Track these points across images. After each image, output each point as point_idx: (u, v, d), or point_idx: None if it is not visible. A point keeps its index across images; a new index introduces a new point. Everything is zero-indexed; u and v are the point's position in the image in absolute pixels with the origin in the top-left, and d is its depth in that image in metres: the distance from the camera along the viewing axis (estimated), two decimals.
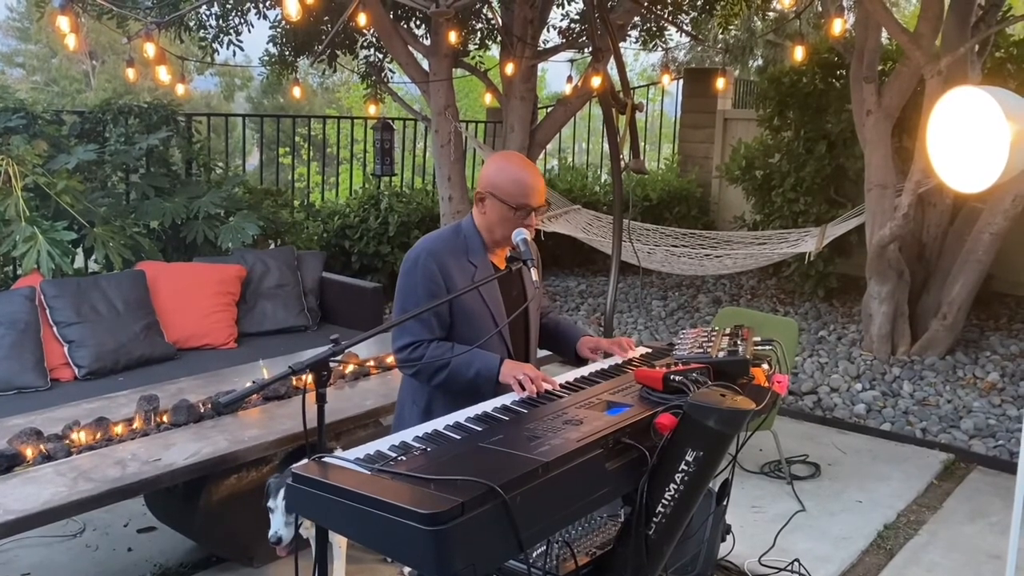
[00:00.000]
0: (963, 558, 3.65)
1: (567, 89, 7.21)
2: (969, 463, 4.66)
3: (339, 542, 3.09)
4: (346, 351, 2.06)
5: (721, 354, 2.33)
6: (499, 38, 7.27)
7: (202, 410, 3.27)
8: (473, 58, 7.64)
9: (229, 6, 7.10)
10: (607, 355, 2.67)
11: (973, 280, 5.92)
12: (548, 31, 7.39)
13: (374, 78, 7.66)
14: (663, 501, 1.96)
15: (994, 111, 2.27)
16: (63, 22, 4.45)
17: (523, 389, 2.28)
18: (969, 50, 5.49)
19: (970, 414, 5.16)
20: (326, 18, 7.12)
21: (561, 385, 2.35)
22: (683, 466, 1.93)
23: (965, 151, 2.40)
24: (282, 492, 2.72)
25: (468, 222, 2.59)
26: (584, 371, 2.51)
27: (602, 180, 9.56)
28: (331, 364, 2.03)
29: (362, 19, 5.42)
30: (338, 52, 7.58)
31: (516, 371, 2.34)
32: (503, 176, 2.51)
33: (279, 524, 2.74)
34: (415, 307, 2.43)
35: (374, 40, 7.59)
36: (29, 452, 2.84)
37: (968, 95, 2.38)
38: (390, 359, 3.99)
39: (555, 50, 7.10)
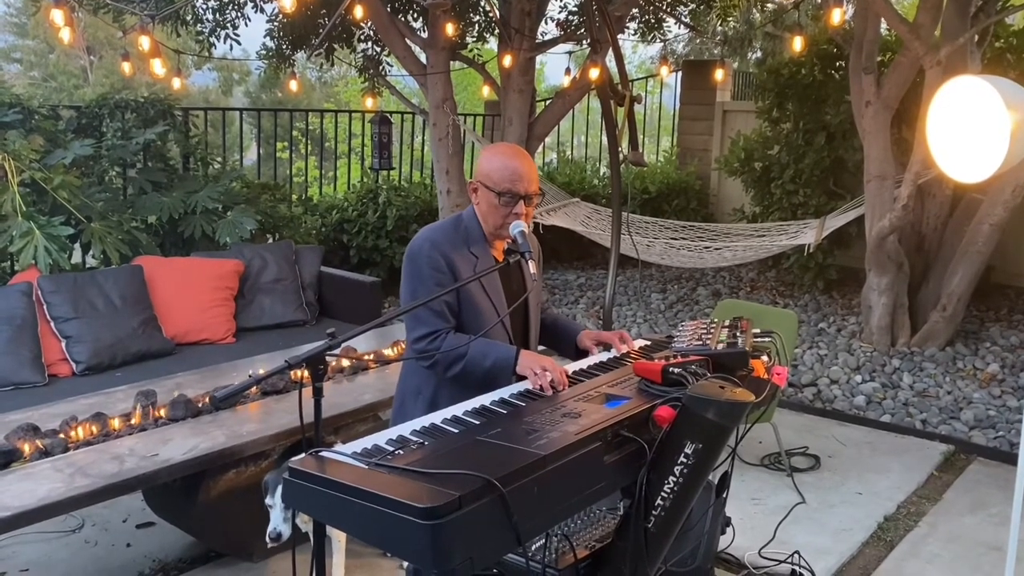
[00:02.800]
0: (963, 550, 3.65)
1: (565, 82, 7.19)
2: (969, 454, 4.65)
3: (338, 536, 3.09)
4: (343, 345, 2.04)
5: (720, 346, 2.32)
6: (497, 31, 7.25)
7: (200, 405, 3.27)
8: (471, 51, 7.62)
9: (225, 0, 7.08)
10: (607, 347, 2.66)
11: (973, 271, 5.91)
12: (546, 23, 7.37)
13: (372, 72, 7.64)
14: (662, 494, 1.95)
15: (994, 100, 2.26)
16: (57, 15, 4.44)
17: (543, 378, 2.25)
18: (969, 40, 5.47)
19: (970, 405, 5.15)
20: (323, 11, 7.09)
21: None
22: (682, 459, 1.92)
23: (965, 141, 2.38)
24: (280, 488, 2.71)
25: (469, 213, 2.57)
26: (583, 364, 2.50)
27: (601, 173, 9.55)
28: (327, 358, 2.01)
29: (359, 12, 5.39)
30: (335, 46, 7.56)
31: (534, 364, 2.30)
32: (490, 164, 2.49)
33: (278, 520, 2.73)
34: (425, 296, 2.40)
35: (371, 33, 7.56)
36: (26, 448, 2.84)
37: (968, 85, 2.37)
38: (388, 352, 3.99)
39: (553, 42, 7.08)
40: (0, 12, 23.95)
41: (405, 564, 2.88)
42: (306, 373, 2.00)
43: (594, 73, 4.83)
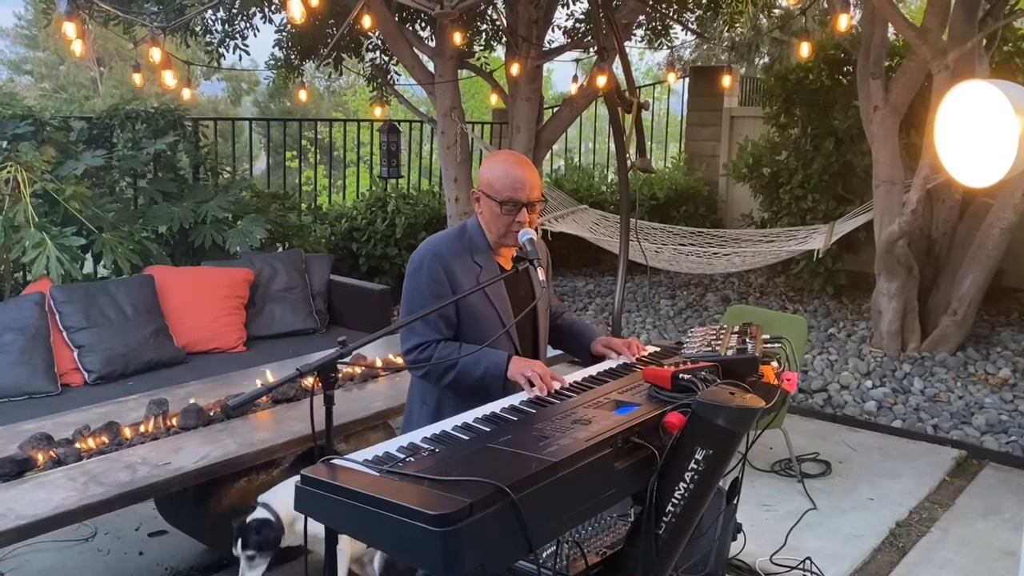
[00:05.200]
0: (976, 555, 3.63)
1: (573, 89, 7.21)
2: (981, 459, 4.63)
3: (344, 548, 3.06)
4: (353, 353, 2.05)
5: (730, 352, 2.32)
6: (504, 39, 7.27)
7: (211, 413, 3.28)
8: (478, 59, 7.65)
9: (235, 11, 7.12)
10: (618, 353, 2.67)
11: (983, 275, 5.88)
12: (553, 31, 7.38)
13: (380, 81, 7.67)
14: (673, 500, 1.95)
15: (1003, 105, 2.25)
16: (69, 28, 4.48)
17: (532, 386, 2.28)
18: (976, 44, 5.45)
19: (982, 410, 5.13)
20: (331, 21, 7.13)
21: (569, 385, 2.34)
22: (693, 465, 1.92)
23: (974, 145, 2.37)
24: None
25: (473, 222, 2.59)
26: (592, 371, 2.50)
27: (609, 180, 9.55)
28: (338, 366, 2.02)
29: (367, 21, 5.43)
30: (344, 55, 7.60)
31: (524, 368, 2.33)
32: (492, 172, 2.51)
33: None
34: (421, 309, 2.43)
35: (379, 43, 7.60)
36: (40, 457, 2.86)
37: (976, 89, 2.36)
38: (398, 360, 4.00)
39: (560, 50, 7.10)
40: (10, 24, 24.18)
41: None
42: (317, 381, 2.02)
43: (601, 80, 4.83)
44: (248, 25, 7.24)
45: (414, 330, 2.49)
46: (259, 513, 2.83)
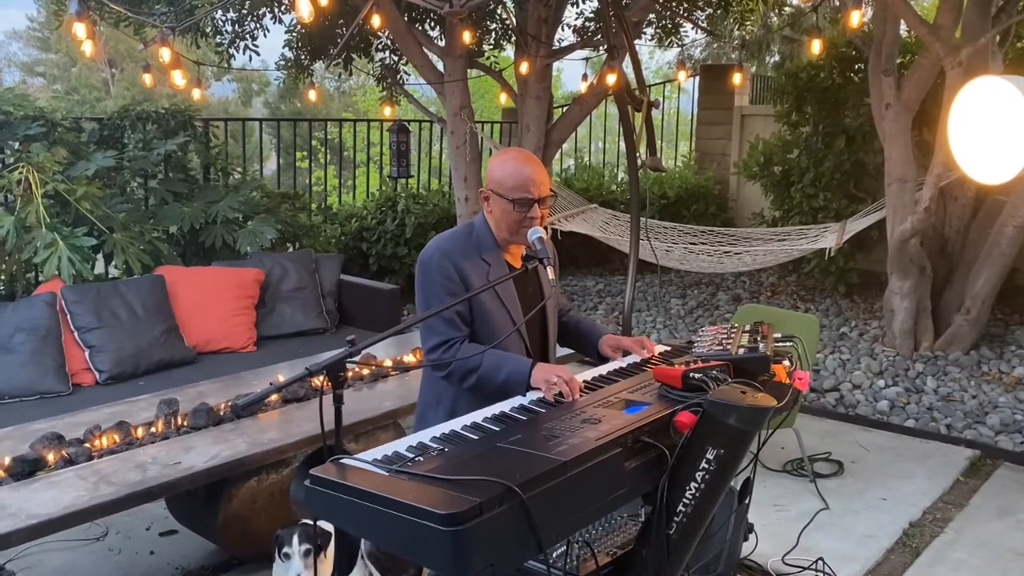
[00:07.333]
0: (990, 556, 3.60)
1: (582, 88, 7.19)
2: (995, 459, 4.59)
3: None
4: (362, 352, 2.05)
5: (741, 351, 2.30)
6: (513, 38, 7.27)
7: (221, 413, 3.28)
8: (488, 58, 7.64)
9: (244, 11, 7.14)
10: (627, 353, 2.65)
11: (997, 274, 5.84)
12: (563, 30, 7.38)
13: (389, 80, 7.68)
14: (684, 500, 1.94)
15: (1017, 101, 2.24)
16: (79, 29, 4.49)
17: (553, 390, 2.24)
18: (990, 40, 5.41)
19: (996, 410, 5.08)
20: (341, 21, 7.14)
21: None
22: (704, 465, 1.91)
23: (987, 142, 2.36)
24: (295, 537, 2.62)
25: (480, 220, 2.58)
26: (602, 370, 2.49)
27: (619, 179, 9.54)
28: (347, 365, 2.02)
29: (376, 21, 5.43)
30: (353, 55, 7.61)
31: (548, 374, 2.28)
32: (501, 170, 2.49)
33: (299, 567, 2.61)
34: (437, 306, 2.41)
35: (389, 42, 7.61)
36: (51, 457, 2.86)
37: (990, 85, 2.34)
38: (408, 359, 3.99)
39: (570, 49, 7.08)
40: (23, 26, 24.35)
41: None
42: (327, 380, 2.01)
43: (611, 79, 4.81)
44: (258, 25, 7.25)
45: (435, 329, 2.46)
46: None
